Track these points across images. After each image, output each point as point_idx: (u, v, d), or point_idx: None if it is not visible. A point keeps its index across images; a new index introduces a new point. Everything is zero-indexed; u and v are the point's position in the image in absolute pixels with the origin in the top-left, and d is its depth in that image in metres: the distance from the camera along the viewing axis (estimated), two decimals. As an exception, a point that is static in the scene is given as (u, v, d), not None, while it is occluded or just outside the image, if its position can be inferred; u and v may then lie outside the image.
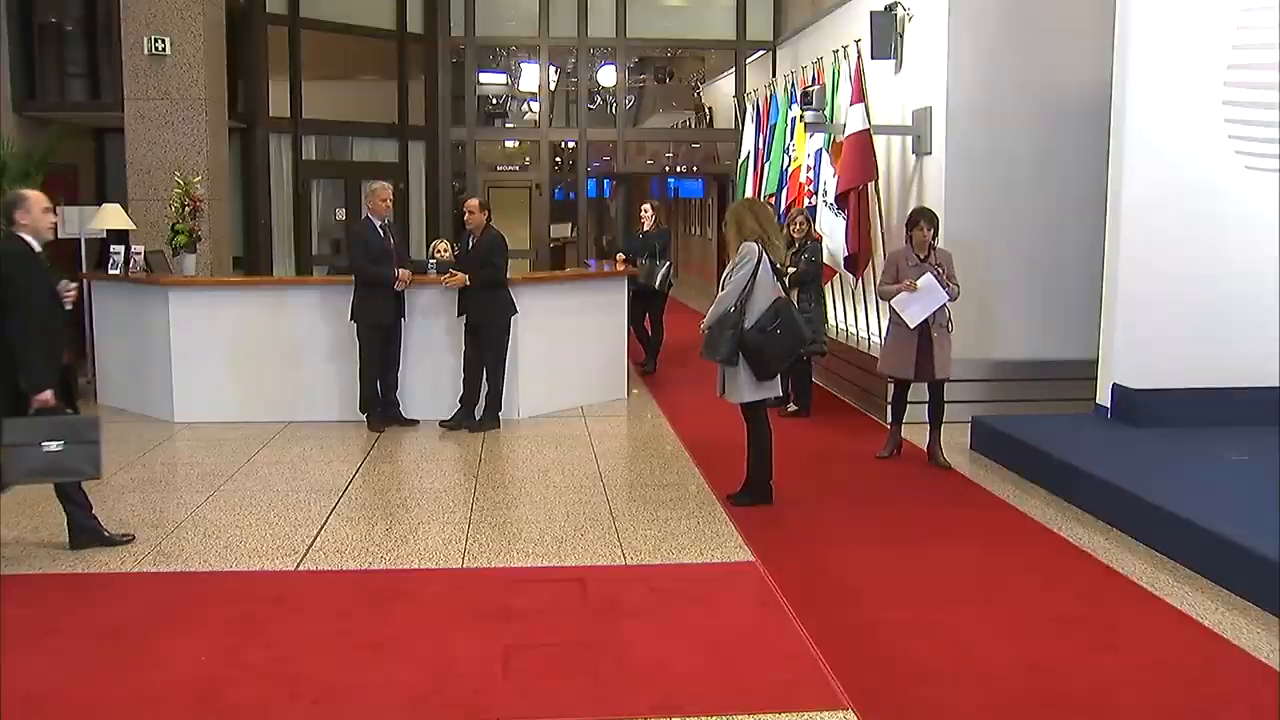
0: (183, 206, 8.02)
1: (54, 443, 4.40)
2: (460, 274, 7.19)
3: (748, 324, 5.33)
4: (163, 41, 9.27)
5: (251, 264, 11.05)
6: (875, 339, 8.56)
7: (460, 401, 7.45)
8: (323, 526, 5.22)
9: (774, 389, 5.58)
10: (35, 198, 4.61)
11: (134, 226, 8.82)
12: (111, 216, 8.65)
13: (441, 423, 7.43)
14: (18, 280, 4.43)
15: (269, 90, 11.28)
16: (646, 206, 9.86)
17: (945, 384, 6.49)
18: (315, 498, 5.71)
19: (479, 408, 7.44)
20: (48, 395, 4.46)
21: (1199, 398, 6.57)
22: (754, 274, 5.31)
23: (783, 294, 5.47)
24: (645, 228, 9.67)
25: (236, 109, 10.66)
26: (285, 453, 6.76)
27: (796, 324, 5.40)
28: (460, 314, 7.37)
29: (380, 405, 7.38)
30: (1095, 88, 7.45)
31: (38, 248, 4.58)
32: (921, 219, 6.36)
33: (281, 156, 11.62)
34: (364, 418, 7.37)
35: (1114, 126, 6.79)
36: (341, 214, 12.21)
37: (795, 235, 7.77)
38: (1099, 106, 7.20)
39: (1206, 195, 6.65)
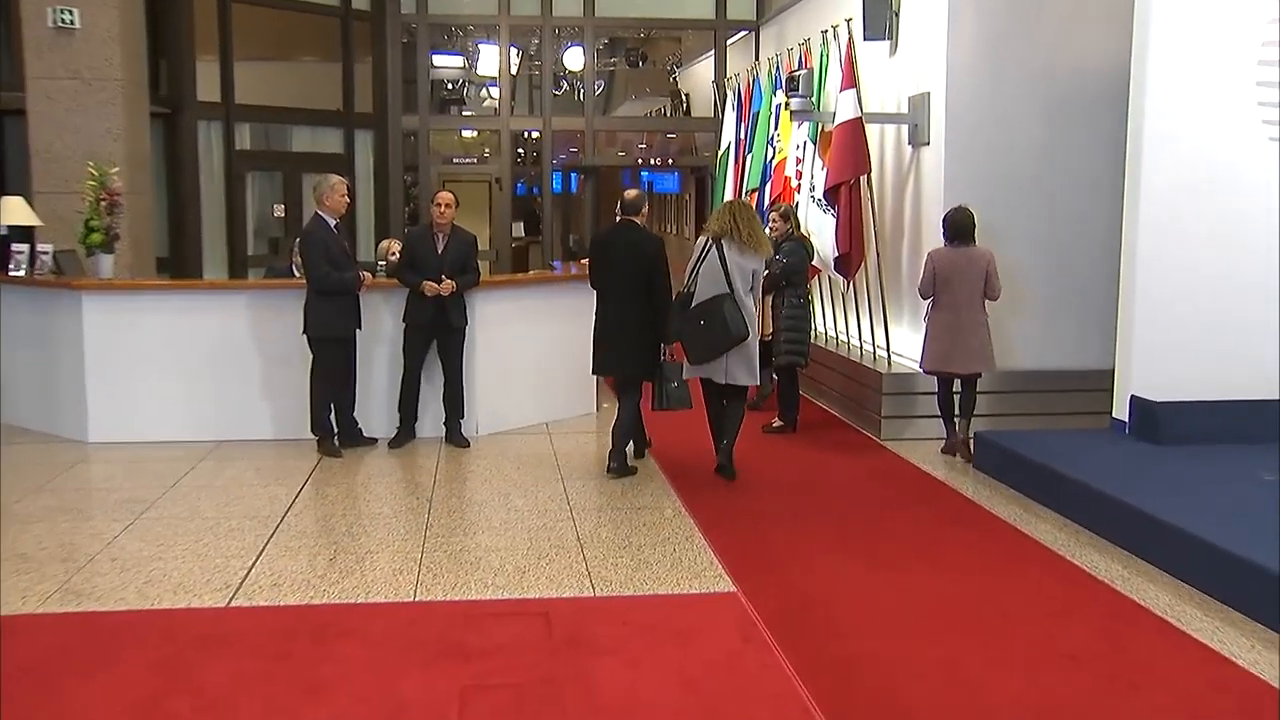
0: (97, 200, 7.91)
1: (676, 381, 6.56)
2: (448, 281, 7.17)
3: None
4: (70, 13, 9.14)
5: (178, 265, 10.97)
6: (869, 347, 8.60)
7: (401, 417, 7.45)
8: (258, 557, 5.17)
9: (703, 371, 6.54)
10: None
11: (40, 223, 8.71)
12: (14, 211, 8.53)
13: (390, 444, 7.44)
14: (661, 263, 6.62)
15: (196, 71, 11.21)
16: None
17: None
18: (250, 525, 5.66)
19: (448, 421, 7.52)
20: (676, 345, 6.57)
21: (1226, 410, 6.62)
22: (696, 265, 6.51)
23: (691, 291, 6.45)
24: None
25: (159, 91, 10.59)
26: (216, 476, 6.70)
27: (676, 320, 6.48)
28: (412, 321, 7.34)
29: (339, 426, 7.33)
30: (1111, 70, 7.54)
31: None
32: None
33: (211, 145, 11.55)
34: (315, 441, 7.26)
35: (1132, 113, 6.85)
36: (280, 210, 12.17)
37: (774, 235, 7.78)
38: (1115, 91, 7.28)
39: (1235, 189, 6.69)
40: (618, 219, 9.70)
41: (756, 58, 12.48)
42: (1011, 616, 4.55)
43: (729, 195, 10.98)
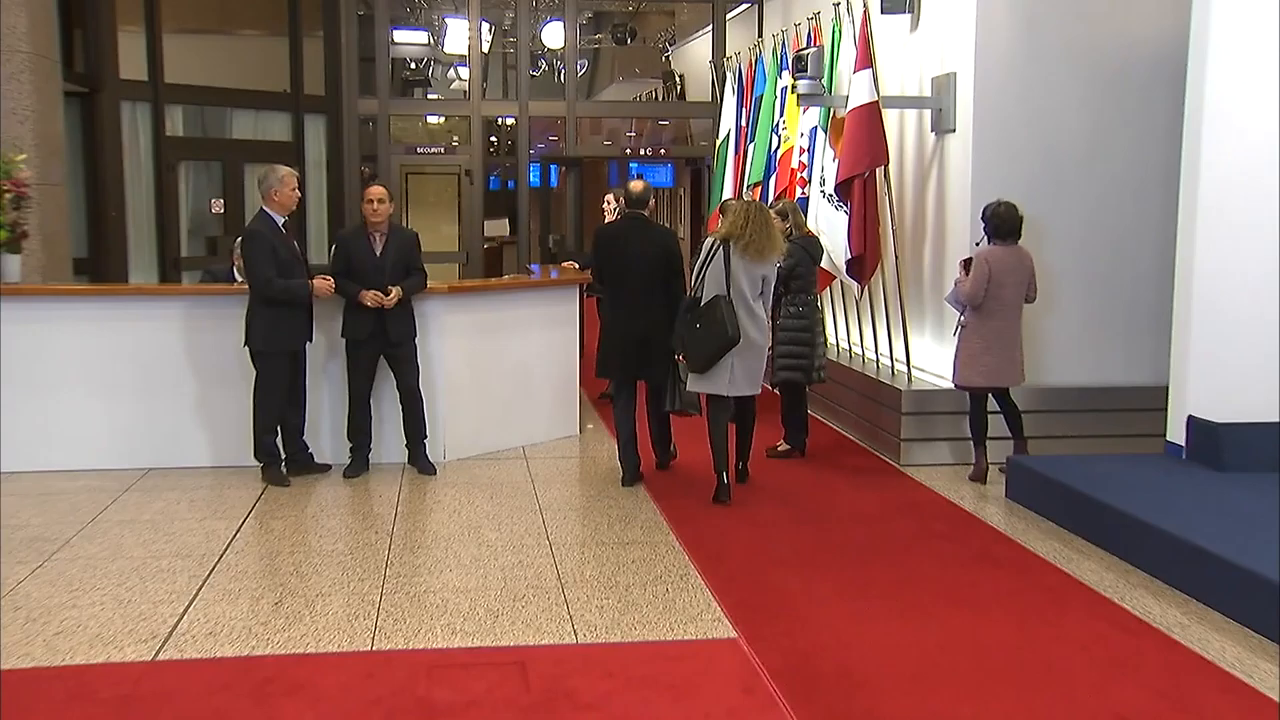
0: (1, 193, 7.89)
1: (688, 381, 6.85)
2: (395, 290, 7.16)
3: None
4: None
5: (98, 268, 10.94)
6: (886, 361, 8.61)
7: (352, 444, 7.45)
8: (191, 602, 5.15)
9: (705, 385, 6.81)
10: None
11: (-69, 219, 8.68)
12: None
13: (345, 473, 7.43)
14: (678, 258, 7.22)
15: (118, 44, 11.21)
16: (610, 198, 9.87)
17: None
18: (183, 565, 5.64)
19: (410, 445, 7.53)
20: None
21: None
22: (703, 266, 6.81)
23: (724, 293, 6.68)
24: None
25: (74, 67, 10.56)
26: (143, 509, 6.67)
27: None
28: (353, 336, 7.32)
29: (286, 452, 7.30)
30: (1166, 46, 7.57)
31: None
32: None
33: (137, 130, 11.55)
34: (259, 468, 7.25)
35: (1190, 95, 6.87)
36: (219, 206, 12.16)
37: None
38: (1171, 70, 7.31)
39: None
40: (612, 213, 9.79)
41: (760, 34, 12.54)
42: (1052, 669, 4.53)
43: (729, 189, 11.06)
